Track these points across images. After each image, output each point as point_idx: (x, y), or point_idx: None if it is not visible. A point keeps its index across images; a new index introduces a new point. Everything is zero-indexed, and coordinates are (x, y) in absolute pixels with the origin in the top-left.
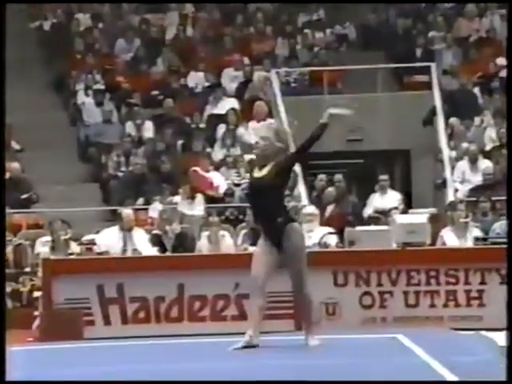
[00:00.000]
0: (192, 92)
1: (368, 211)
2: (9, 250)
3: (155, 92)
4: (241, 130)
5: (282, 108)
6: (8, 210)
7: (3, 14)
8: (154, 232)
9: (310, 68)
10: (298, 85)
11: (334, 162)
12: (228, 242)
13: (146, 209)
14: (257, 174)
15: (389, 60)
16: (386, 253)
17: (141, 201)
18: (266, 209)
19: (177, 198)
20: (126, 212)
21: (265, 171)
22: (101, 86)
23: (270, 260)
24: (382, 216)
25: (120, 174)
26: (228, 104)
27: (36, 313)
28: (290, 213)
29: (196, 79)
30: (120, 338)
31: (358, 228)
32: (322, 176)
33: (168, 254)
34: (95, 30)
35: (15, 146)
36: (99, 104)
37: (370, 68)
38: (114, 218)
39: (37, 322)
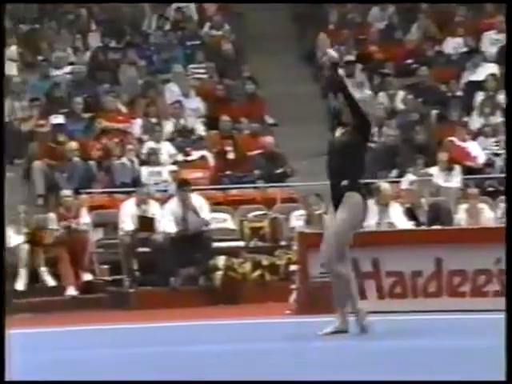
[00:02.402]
0: (448, 59)
1: None
2: (265, 223)
3: (409, 61)
4: None
5: None
6: (263, 184)
7: (3, 14)
8: (408, 205)
9: None
10: None
11: None
12: (488, 215)
13: (399, 181)
14: (336, 131)
15: None
16: None
17: (394, 173)
18: (334, 169)
19: (432, 170)
20: (384, 186)
21: (343, 128)
22: (351, 58)
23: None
24: None
25: (373, 146)
26: (487, 70)
27: (293, 286)
28: (359, 183)
29: (453, 45)
30: (376, 312)
31: None
32: None
33: (424, 227)
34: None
35: (269, 119)
36: (350, 75)
37: None
38: (367, 190)
39: (294, 296)
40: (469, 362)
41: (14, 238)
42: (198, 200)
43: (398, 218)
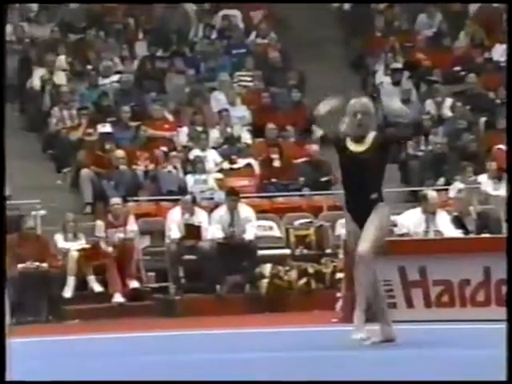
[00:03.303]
0: (497, 65)
1: None
2: (311, 231)
3: (457, 68)
4: None
5: None
6: (308, 192)
7: (3, 13)
8: (456, 213)
9: None
10: None
11: None
12: None
13: (447, 189)
14: (355, 146)
15: None
16: None
17: (441, 181)
18: (362, 184)
19: (481, 178)
20: (432, 194)
21: (367, 144)
22: (398, 65)
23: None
24: None
25: (420, 154)
26: None
27: (338, 294)
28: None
29: (502, 52)
30: (423, 321)
31: None
32: None
33: (472, 235)
34: (396, 6)
35: (315, 128)
36: (397, 83)
37: None
38: (414, 198)
39: (340, 304)
40: None
41: (63, 245)
42: (245, 210)
43: (445, 226)
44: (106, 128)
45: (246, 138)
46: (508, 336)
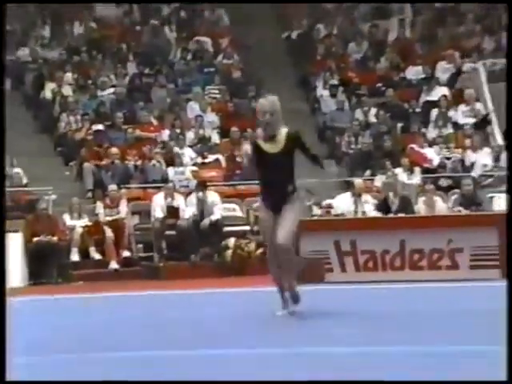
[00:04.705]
0: (410, 83)
1: None
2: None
3: (379, 84)
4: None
5: (487, 93)
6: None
7: (3, 13)
8: (379, 197)
9: None
10: (502, 73)
11: None
12: (441, 205)
13: (372, 179)
14: (269, 147)
15: None
16: None
17: (368, 173)
18: (280, 179)
19: (397, 170)
20: (358, 181)
21: (280, 145)
22: (335, 82)
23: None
24: None
25: (351, 152)
26: (440, 92)
27: None
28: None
29: (413, 72)
30: (353, 282)
31: None
32: None
33: (391, 215)
34: (332, 36)
35: None
36: (333, 96)
37: None
38: (346, 186)
39: None
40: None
41: (70, 223)
42: (212, 195)
43: (370, 208)
44: (99, 127)
45: (215, 138)
46: (508, 336)
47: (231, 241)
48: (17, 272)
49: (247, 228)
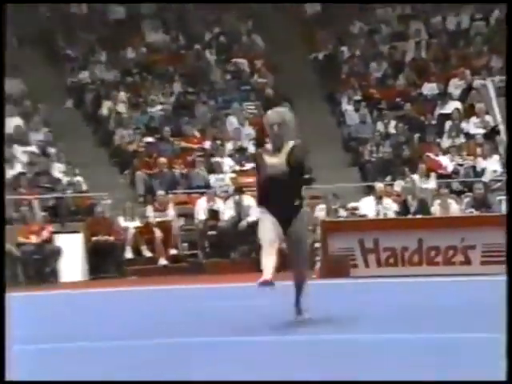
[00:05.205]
0: (425, 98)
1: None
2: None
3: (398, 99)
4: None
5: (496, 107)
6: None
7: (3, 13)
8: (399, 200)
9: None
10: None
11: None
12: (455, 207)
13: (392, 184)
14: (273, 159)
15: None
16: None
17: (388, 178)
18: (284, 193)
19: (415, 176)
20: (379, 185)
21: (283, 157)
22: (358, 97)
23: (278, 230)
24: None
25: (373, 160)
26: (453, 105)
27: (317, 258)
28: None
29: (429, 88)
30: (376, 276)
31: None
32: None
33: (410, 216)
34: (355, 57)
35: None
36: (357, 110)
37: None
38: (369, 191)
39: (318, 265)
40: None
41: (124, 224)
42: (248, 199)
43: (391, 209)
44: (149, 140)
45: (251, 148)
46: (508, 336)
47: None
48: (78, 268)
49: None
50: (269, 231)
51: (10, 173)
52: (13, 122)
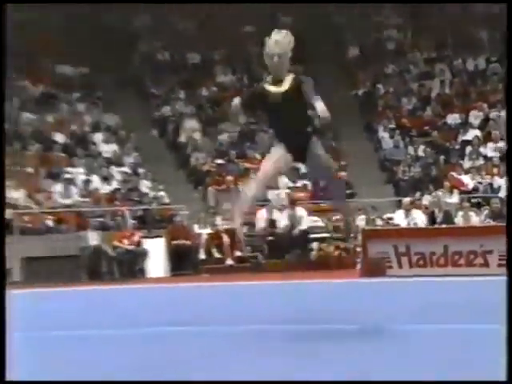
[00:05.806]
0: (450, 127)
1: None
2: (341, 222)
3: (426, 127)
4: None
5: None
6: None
7: (3, 13)
8: (427, 212)
9: None
10: None
11: None
12: (475, 219)
13: (421, 199)
14: (276, 88)
15: None
16: None
17: (418, 194)
18: (294, 119)
19: (441, 192)
20: (405, 200)
21: (286, 85)
22: (392, 126)
23: (285, 158)
24: None
25: (405, 178)
26: (473, 133)
27: (358, 260)
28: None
29: (452, 119)
30: (408, 276)
31: None
32: None
33: (436, 226)
34: (389, 93)
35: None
36: (391, 137)
37: None
38: (402, 204)
39: (358, 266)
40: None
41: (198, 231)
42: (300, 210)
43: (420, 220)
44: (219, 161)
45: (303, 169)
46: (507, 336)
47: (315, 244)
48: (161, 266)
49: (327, 235)
50: (271, 158)
51: (107, 188)
52: (110, 148)
